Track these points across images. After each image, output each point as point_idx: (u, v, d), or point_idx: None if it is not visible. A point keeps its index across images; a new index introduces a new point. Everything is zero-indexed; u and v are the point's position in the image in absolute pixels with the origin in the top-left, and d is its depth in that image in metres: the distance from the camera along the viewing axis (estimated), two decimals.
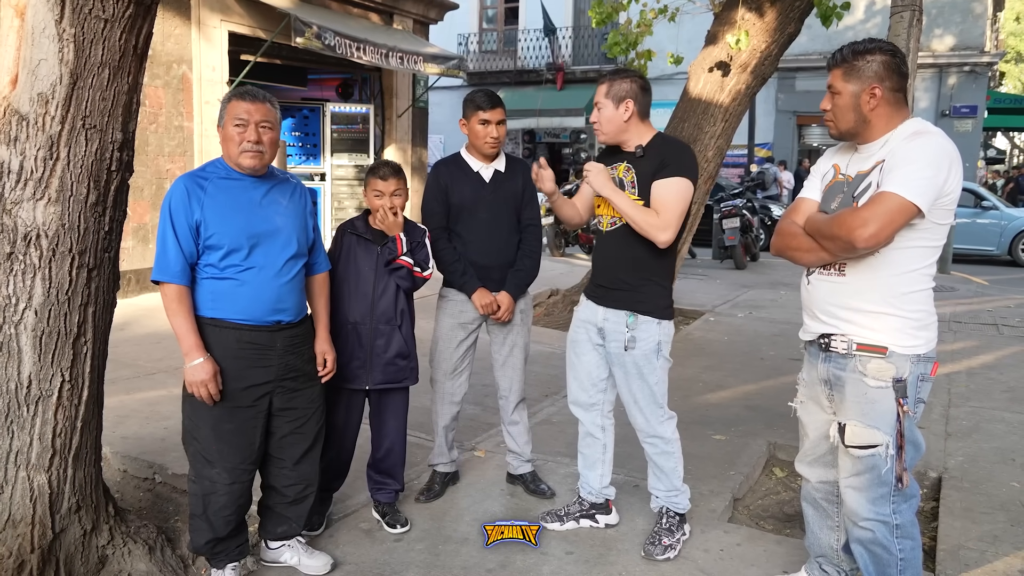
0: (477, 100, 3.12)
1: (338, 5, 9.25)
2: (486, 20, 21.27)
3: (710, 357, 5.77)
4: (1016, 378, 5.22)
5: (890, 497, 2.13)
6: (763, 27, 5.86)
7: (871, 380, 2.10)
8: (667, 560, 2.79)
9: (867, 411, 2.12)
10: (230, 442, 2.44)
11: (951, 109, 16.66)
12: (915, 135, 2.06)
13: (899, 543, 2.13)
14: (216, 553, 2.55)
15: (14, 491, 2.32)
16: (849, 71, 2.13)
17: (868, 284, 2.10)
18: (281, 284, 2.46)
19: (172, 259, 2.34)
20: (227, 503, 2.47)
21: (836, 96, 2.16)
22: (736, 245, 10.82)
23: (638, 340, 2.78)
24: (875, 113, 2.11)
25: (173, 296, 2.35)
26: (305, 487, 2.64)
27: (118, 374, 4.47)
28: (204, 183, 2.39)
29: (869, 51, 2.10)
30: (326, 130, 9.72)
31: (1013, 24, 27.88)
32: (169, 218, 2.34)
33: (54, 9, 2.11)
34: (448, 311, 3.23)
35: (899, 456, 2.08)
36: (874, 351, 2.09)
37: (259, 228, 2.42)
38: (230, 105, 2.40)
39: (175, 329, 2.37)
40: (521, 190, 3.25)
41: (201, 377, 2.34)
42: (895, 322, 2.07)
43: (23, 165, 2.20)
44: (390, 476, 3.05)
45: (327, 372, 2.67)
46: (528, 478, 3.38)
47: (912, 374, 2.08)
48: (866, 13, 16.78)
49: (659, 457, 2.89)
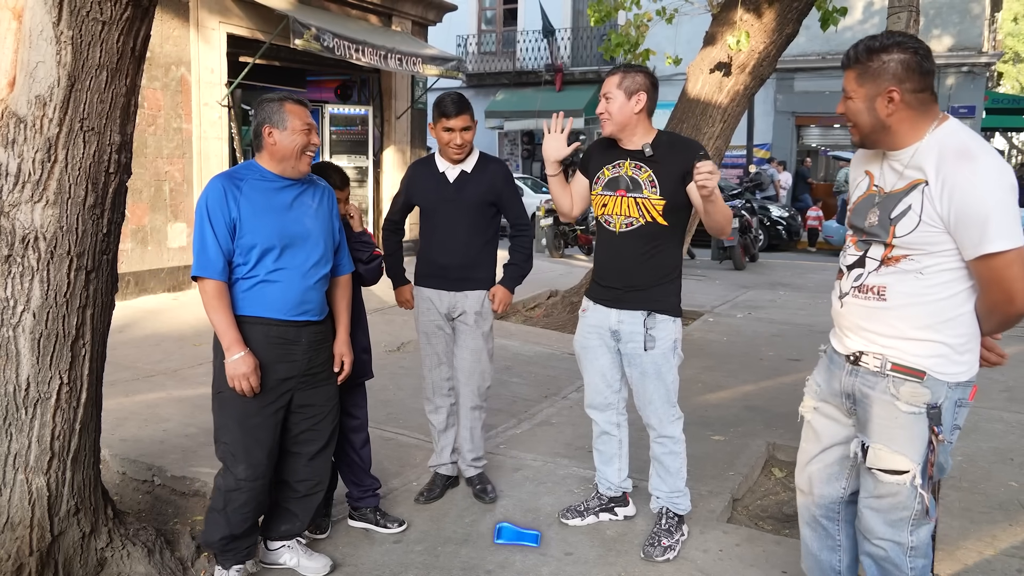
0: (442, 107, 3.10)
1: (337, 7, 9.26)
2: (485, 21, 21.28)
3: (709, 358, 5.76)
4: (1014, 378, 5.22)
5: (909, 520, 2.00)
6: (761, 28, 5.87)
7: (903, 404, 1.94)
8: (666, 561, 2.79)
9: (895, 436, 1.97)
10: (256, 437, 2.47)
11: (949, 109, 16.67)
12: (966, 158, 1.84)
13: (911, 562, 2.03)
14: (227, 551, 2.56)
15: (12, 494, 2.32)
16: (863, 73, 1.91)
17: (912, 310, 1.93)
18: (308, 286, 2.50)
19: (212, 256, 2.37)
20: (247, 500, 2.50)
21: (849, 101, 1.97)
22: (735, 246, 10.83)
23: (657, 339, 2.79)
24: (895, 119, 1.90)
25: (213, 292, 2.38)
26: (316, 483, 2.68)
27: (117, 376, 4.46)
28: (240, 183, 2.43)
29: (886, 48, 1.88)
30: (325, 132, 9.72)
31: (1011, 24, 27.90)
32: (207, 216, 2.37)
33: (52, 11, 2.11)
34: (421, 309, 3.31)
35: (927, 485, 1.94)
36: (911, 374, 1.93)
37: (291, 230, 2.46)
38: (290, 108, 2.44)
39: (215, 325, 2.40)
40: (493, 190, 3.21)
41: (243, 370, 2.36)
42: (938, 348, 1.92)
43: (21, 167, 2.20)
44: (368, 475, 3.03)
45: (344, 374, 2.69)
46: (475, 480, 3.35)
47: (949, 399, 1.92)
48: (864, 14, 16.80)
49: (666, 457, 2.90)
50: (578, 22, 19.57)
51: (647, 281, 2.80)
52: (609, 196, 2.83)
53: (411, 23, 10.46)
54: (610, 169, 2.84)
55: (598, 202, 2.88)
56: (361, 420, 3.00)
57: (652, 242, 2.78)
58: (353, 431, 2.97)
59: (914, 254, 1.92)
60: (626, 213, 2.79)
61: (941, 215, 1.85)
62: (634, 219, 2.78)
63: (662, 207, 2.74)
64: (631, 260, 2.81)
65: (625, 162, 2.81)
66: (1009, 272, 1.81)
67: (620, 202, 2.80)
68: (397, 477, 3.50)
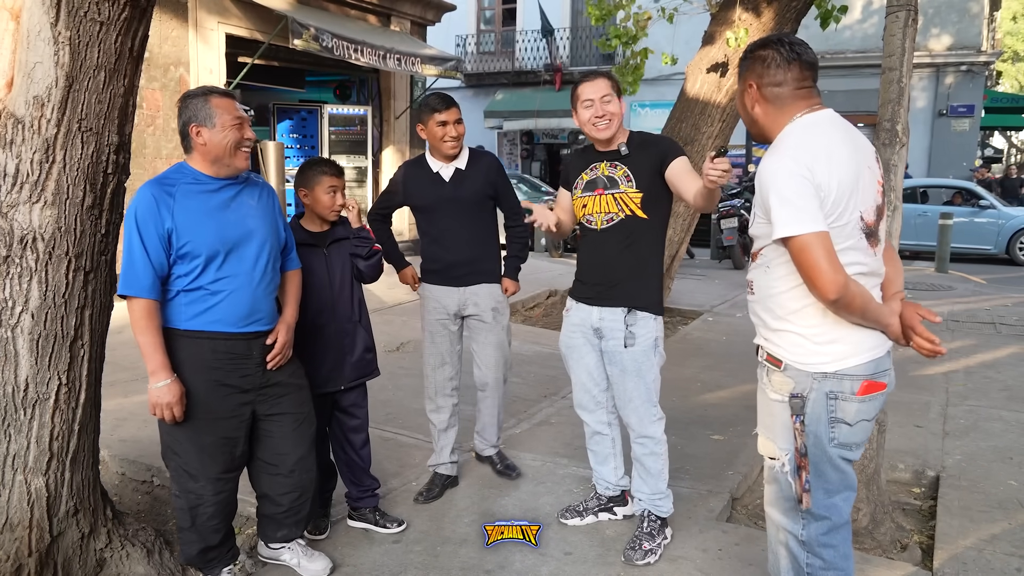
0: (432, 103, 3.18)
1: (335, 7, 9.25)
2: (484, 21, 21.27)
3: (708, 357, 5.76)
4: (1014, 377, 5.22)
5: (798, 511, 2.02)
6: (760, 27, 5.87)
7: (772, 392, 2.03)
8: (647, 565, 2.77)
9: (767, 422, 2.08)
10: (212, 454, 2.38)
11: (948, 108, 16.66)
12: (771, 150, 1.98)
13: (808, 558, 2.03)
14: (209, 561, 2.53)
15: (11, 495, 2.32)
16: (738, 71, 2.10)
17: (768, 303, 2.02)
18: (256, 290, 2.38)
19: (140, 272, 2.21)
20: (215, 513, 2.44)
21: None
22: (734, 245, 10.83)
23: (637, 337, 2.79)
24: (757, 112, 2.07)
25: (141, 312, 2.23)
26: (300, 495, 2.58)
27: (116, 377, 4.46)
28: (172, 189, 2.27)
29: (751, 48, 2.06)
30: (324, 132, 9.72)
31: (1010, 23, 27.90)
32: (136, 228, 2.21)
33: (49, 12, 2.11)
34: (428, 308, 3.34)
35: (798, 475, 1.98)
36: (773, 363, 2.02)
37: (233, 233, 2.32)
38: (217, 103, 2.28)
39: (141, 347, 2.25)
40: (489, 183, 3.28)
41: (167, 399, 2.25)
42: (792, 338, 1.97)
43: (19, 168, 2.20)
44: (368, 475, 3.03)
45: (275, 353, 2.45)
46: (495, 459, 3.55)
47: (816, 391, 1.94)
48: (863, 13, 16.79)
49: (647, 458, 2.89)
50: (577, 22, 19.56)
51: (627, 274, 2.81)
52: (588, 196, 2.86)
53: (410, 23, 10.45)
54: (587, 173, 2.88)
55: (578, 204, 2.90)
56: (361, 420, 2.99)
57: (632, 236, 2.80)
58: (353, 431, 2.96)
59: (764, 249, 2.00)
60: (606, 210, 2.82)
61: (761, 206, 1.94)
62: (614, 214, 2.81)
63: (640, 200, 2.77)
64: (611, 253, 2.83)
65: (601, 164, 2.85)
66: (803, 258, 1.84)
67: (599, 200, 2.83)
68: (396, 477, 3.50)
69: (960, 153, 16.66)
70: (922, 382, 4.96)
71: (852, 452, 2.00)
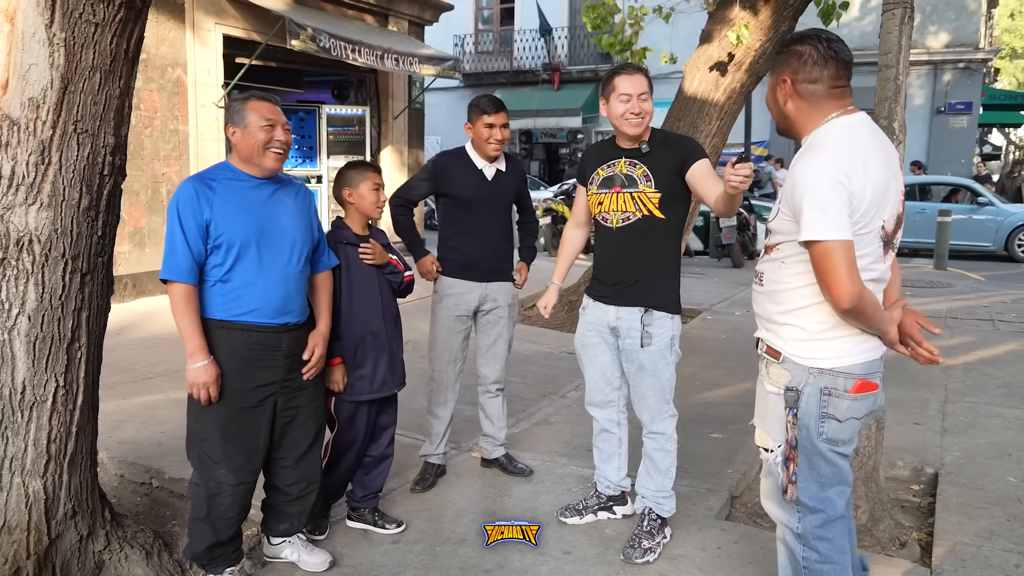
0: (482, 105, 3.31)
1: (333, 7, 9.25)
2: (482, 21, 21.26)
3: (707, 355, 5.77)
4: (1012, 373, 5.23)
5: (793, 505, 2.04)
6: (758, 25, 5.87)
7: (769, 385, 2.06)
8: (646, 563, 2.76)
9: (763, 414, 2.11)
10: (237, 442, 2.45)
11: (946, 106, 16.67)
12: (809, 150, 1.97)
13: (804, 551, 2.05)
14: (215, 558, 2.54)
15: (9, 497, 2.31)
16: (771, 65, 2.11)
17: (776, 296, 2.04)
18: (288, 284, 2.48)
19: (180, 258, 2.34)
20: (232, 504, 2.48)
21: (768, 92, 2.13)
22: (733, 243, 10.84)
23: (654, 336, 2.79)
24: (790, 108, 2.07)
25: (181, 296, 2.35)
26: (307, 484, 2.66)
27: (115, 379, 4.46)
28: (212, 183, 2.40)
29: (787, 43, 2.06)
30: (322, 132, 9.71)
31: (1007, 20, 27.92)
32: (177, 218, 2.34)
33: (44, 13, 2.11)
34: (445, 304, 3.38)
35: (786, 467, 2.00)
36: (772, 355, 2.04)
37: (267, 227, 2.44)
38: (252, 105, 2.42)
39: (180, 329, 2.36)
40: (519, 188, 3.50)
41: (204, 379, 2.34)
42: (794, 331, 2.00)
43: (15, 170, 2.20)
44: (380, 480, 3.03)
45: (311, 366, 2.57)
46: (504, 460, 3.55)
47: (811, 387, 1.96)
48: (861, 11, 16.79)
49: (657, 453, 2.90)
50: (575, 21, 19.55)
51: (644, 274, 2.80)
52: (604, 193, 2.84)
53: (407, 23, 10.45)
54: (604, 169, 2.87)
55: (594, 201, 2.89)
56: (392, 417, 3.03)
57: (649, 235, 2.79)
58: (383, 429, 3.01)
59: (781, 243, 2.01)
60: (623, 208, 2.80)
61: (789, 203, 1.93)
62: (631, 213, 2.79)
63: (658, 200, 2.76)
64: (628, 254, 2.82)
65: (620, 160, 2.83)
66: (824, 263, 1.85)
67: (616, 198, 2.81)
68: (395, 477, 3.49)
69: (958, 150, 16.67)
70: (921, 379, 4.96)
71: (842, 447, 2.01)
